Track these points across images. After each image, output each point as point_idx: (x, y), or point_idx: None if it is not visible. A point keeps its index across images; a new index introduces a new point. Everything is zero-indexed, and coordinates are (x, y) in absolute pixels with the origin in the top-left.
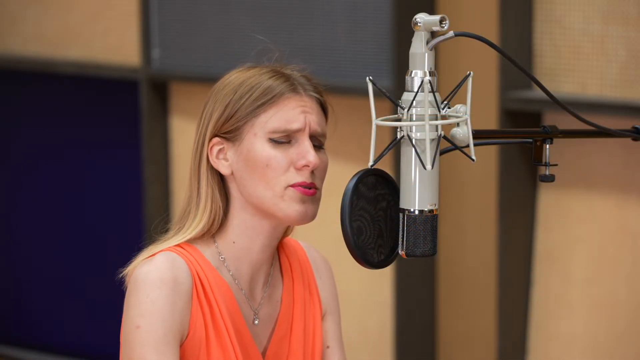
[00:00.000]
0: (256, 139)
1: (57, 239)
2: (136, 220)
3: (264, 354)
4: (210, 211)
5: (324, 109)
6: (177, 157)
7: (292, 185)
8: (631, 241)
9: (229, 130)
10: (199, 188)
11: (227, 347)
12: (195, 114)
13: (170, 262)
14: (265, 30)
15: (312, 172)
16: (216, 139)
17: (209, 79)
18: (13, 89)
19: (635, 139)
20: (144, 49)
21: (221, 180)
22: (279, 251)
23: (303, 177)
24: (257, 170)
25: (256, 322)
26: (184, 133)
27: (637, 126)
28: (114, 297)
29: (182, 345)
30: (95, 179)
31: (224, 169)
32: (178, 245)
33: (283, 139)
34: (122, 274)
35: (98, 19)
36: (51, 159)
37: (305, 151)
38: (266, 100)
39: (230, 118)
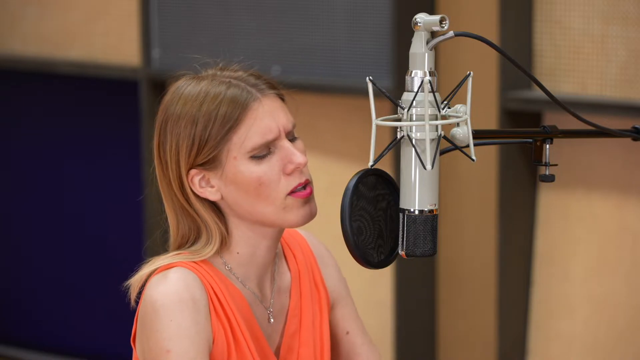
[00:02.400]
0: (237, 161)
1: (57, 239)
2: (136, 220)
3: (277, 351)
4: (218, 232)
5: (283, 100)
6: None
7: (291, 193)
8: (631, 241)
9: (205, 160)
10: (200, 216)
11: (246, 355)
12: None
13: (184, 280)
14: (265, 30)
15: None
16: (194, 171)
17: None
18: (13, 89)
19: (635, 139)
20: (144, 49)
21: (212, 202)
22: (281, 243)
23: (297, 179)
24: (250, 191)
25: (271, 320)
26: None
27: (637, 126)
28: (114, 297)
29: None
30: (95, 179)
31: (212, 196)
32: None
33: (264, 152)
34: (126, 284)
35: (98, 19)
36: (51, 159)
37: (291, 154)
38: (233, 123)
39: (202, 149)
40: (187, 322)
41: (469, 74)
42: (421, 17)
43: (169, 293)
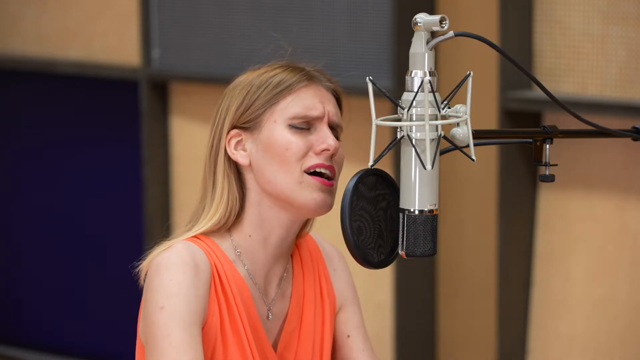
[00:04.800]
0: (276, 125)
1: (56, 239)
2: (136, 220)
3: (275, 347)
4: (227, 203)
5: (338, 102)
6: (177, 157)
7: (311, 171)
8: (631, 241)
9: (247, 120)
10: (214, 180)
11: (242, 338)
12: (195, 113)
13: (190, 249)
14: (265, 30)
15: (331, 158)
16: (234, 131)
17: (209, 79)
18: (13, 89)
19: (635, 139)
20: (144, 49)
21: (238, 173)
22: None
23: (322, 160)
24: (276, 155)
25: (270, 317)
26: (184, 133)
27: (637, 126)
28: (113, 296)
29: None
30: (95, 179)
31: (242, 160)
32: (195, 236)
33: (303, 125)
34: (137, 268)
35: (98, 19)
36: (51, 159)
37: (325, 136)
38: (284, 88)
39: (249, 107)
40: (186, 283)
41: (469, 74)
42: (421, 17)
43: (172, 255)
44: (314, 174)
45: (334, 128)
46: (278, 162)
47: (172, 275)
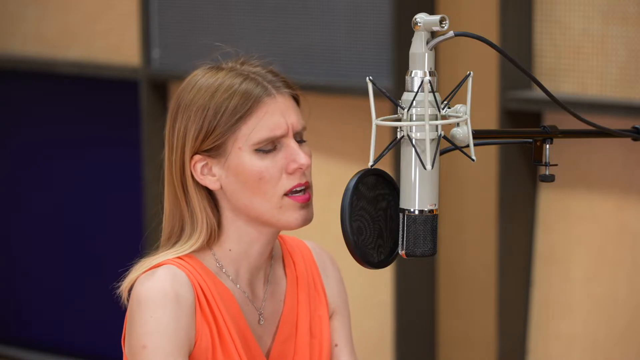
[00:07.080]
0: (242, 152)
1: (56, 239)
2: (136, 220)
3: (268, 354)
4: (207, 226)
5: (297, 101)
6: None
7: (288, 194)
8: (631, 241)
9: (210, 147)
10: (189, 205)
11: (232, 354)
12: None
13: (171, 277)
14: (265, 30)
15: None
16: (198, 156)
17: None
18: (13, 89)
19: (635, 139)
20: (144, 49)
21: (209, 193)
22: (282, 249)
23: (298, 180)
24: (249, 184)
25: (262, 322)
26: None
27: (637, 126)
28: (113, 297)
29: (189, 357)
30: (95, 179)
31: (212, 185)
32: (177, 257)
33: (269, 147)
34: (119, 289)
35: (98, 19)
36: (51, 159)
37: (295, 154)
38: (244, 112)
39: (210, 135)
40: (167, 319)
41: (469, 74)
42: (421, 17)
43: (153, 289)
44: (291, 192)
45: (299, 133)
46: (253, 191)
47: (152, 312)
